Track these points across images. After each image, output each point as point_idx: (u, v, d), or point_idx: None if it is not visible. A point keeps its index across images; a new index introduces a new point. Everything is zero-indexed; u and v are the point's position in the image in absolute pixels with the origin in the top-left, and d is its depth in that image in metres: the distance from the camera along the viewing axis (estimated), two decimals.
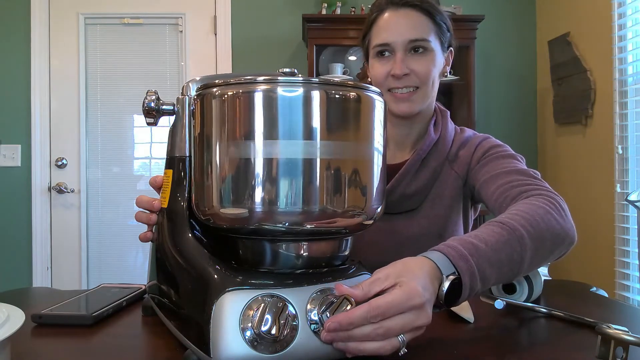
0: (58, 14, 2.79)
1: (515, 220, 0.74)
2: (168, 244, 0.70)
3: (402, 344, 0.56)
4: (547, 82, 2.77)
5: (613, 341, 0.56)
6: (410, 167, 1.07)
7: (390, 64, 1.04)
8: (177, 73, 2.84)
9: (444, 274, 0.63)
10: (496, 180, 0.96)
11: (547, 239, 0.76)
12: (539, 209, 0.79)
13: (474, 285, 0.65)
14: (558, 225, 0.79)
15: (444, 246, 0.67)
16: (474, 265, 0.65)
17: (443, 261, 0.64)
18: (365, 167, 0.62)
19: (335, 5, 2.70)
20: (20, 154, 2.76)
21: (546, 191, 0.87)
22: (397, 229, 1.07)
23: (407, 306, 0.56)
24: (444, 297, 0.61)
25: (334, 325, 0.55)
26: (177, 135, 0.71)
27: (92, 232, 2.82)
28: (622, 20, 2.22)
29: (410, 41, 1.03)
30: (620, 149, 2.22)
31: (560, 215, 0.81)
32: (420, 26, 1.04)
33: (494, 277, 0.68)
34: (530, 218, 0.75)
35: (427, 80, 1.05)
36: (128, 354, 0.66)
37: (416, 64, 1.04)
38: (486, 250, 0.68)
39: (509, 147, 1.06)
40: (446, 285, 0.62)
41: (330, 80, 0.61)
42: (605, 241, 2.27)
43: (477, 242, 0.68)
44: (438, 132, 1.10)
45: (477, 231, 0.72)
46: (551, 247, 0.77)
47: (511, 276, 0.72)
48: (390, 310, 0.56)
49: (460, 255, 0.65)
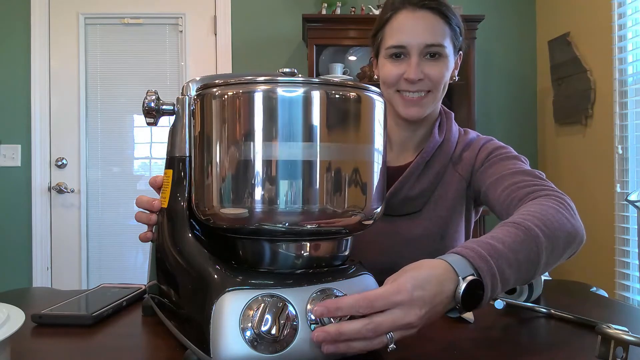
0: (58, 14, 2.79)
1: (529, 221, 0.73)
2: (168, 244, 0.70)
3: (390, 340, 0.55)
4: (547, 82, 2.77)
5: (613, 341, 0.56)
6: (414, 169, 1.06)
7: (404, 66, 1.02)
8: (177, 73, 2.84)
9: (460, 276, 0.61)
10: (502, 183, 0.95)
11: (560, 238, 0.75)
12: (550, 208, 0.78)
13: (495, 286, 0.63)
14: (569, 224, 0.78)
15: (462, 248, 0.65)
16: (494, 266, 0.63)
17: (460, 263, 0.63)
18: (365, 167, 0.62)
19: (335, 5, 2.70)
20: (20, 154, 2.76)
21: (553, 191, 0.87)
22: (399, 230, 1.07)
23: (393, 301, 0.56)
24: (461, 299, 0.60)
25: (321, 309, 0.55)
26: (177, 135, 0.71)
27: (92, 232, 2.82)
28: (622, 20, 2.22)
29: (426, 45, 1.00)
30: (620, 149, 2.22)
31: (571, 214, 0.80)
32: (438, 30, 1.01)
33: (513, 279, 0.67)
34: (543, 218, 0.74)
35: (439, 86, 1.04)
36: (128, 354, 0.66)
37: (431, 69, 1.01)
38: (504, 250, 0.66)
39: (512, 149, 1.05)
40: (463, 286, 0.60)
41: (330, 80, 0.61)
42: (605, 241, 2.27)
43: (494, 242, 0.67)
44: (442, 134, 1.09)
45: (493, 232, 0.71)
46: (564, 247, 0.76)
47: (528, 277, 0.71)
48: (377, 301, 0.55)
49: (479, 256, 0.64)
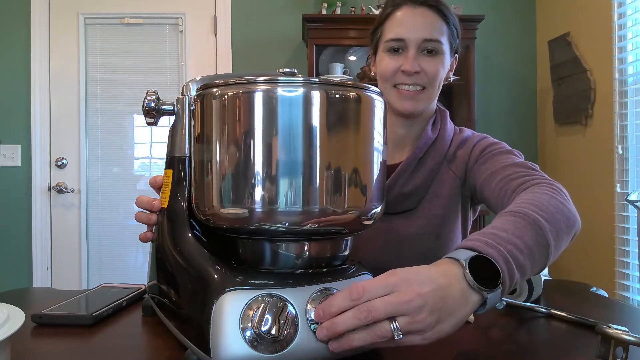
0: (58, 14, 2.79)
1: (525, 208, 0.71)
2: (168, 244, 0.70)
3: (395, 329, 0.53)
4: (547, 82, 2.77)
5: (613, 341, 0.56)
6: (407, 165, 1.07)
7: (401, 60, 1.04)
8: (177, 73, 2.84)
9: (461, 259, 0.58)
10: (495, 177, 0.95)
11: (560, 220, 0.73)
12: (544, 195, 0.77)
13: (511, 272, 0.60)
14: (566, 209, 0.77)
15: (465, 241, 0.63)
16: (504, 251, 0.61)
17: (462, 252, 0.60)
18: (365, 167, 0.62)
19: (335, 5, 2.70)
20: (20, 154, 2.76)
21: (545, 179, 0.86)
22: (395, 228, 1.07)
23: (385, 284, 0.54)
24: (475, 279, 0.57)
25: (317, 312, 0.55)
26: (177, 135, 0.71)
27: (92, 232, 2.82)
28: (622, 20, 2.22)
29: (424, 40, 1.03)
30: (620, 149, 2.22)
31: (565, 199, 0.79)
32: (436, 27, 1.04)
33: (528, 264, 0.64)
34: (538, 204, 0.73)
35: (434, 82, 1.06)
36: (128, 354, 0.66)
37: (427, 64, 1.04)
38: (510, 237, 0.64)
39: (506, 144, 1.06)
40: (464, 263, 0.57)
41: (330, 80, 0.61)
42: (605, 241, 2.27)
43: (496, 231, 0.65)
44: (436, 132, 1.10)
45: (491, 224, 0.69)
46: (567, 229, 0.74)
47: (544, 260, 0.68)
48: (371, 287, 0.54)
49: (486, 244, 0.61)
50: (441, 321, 0.55)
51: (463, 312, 0.57)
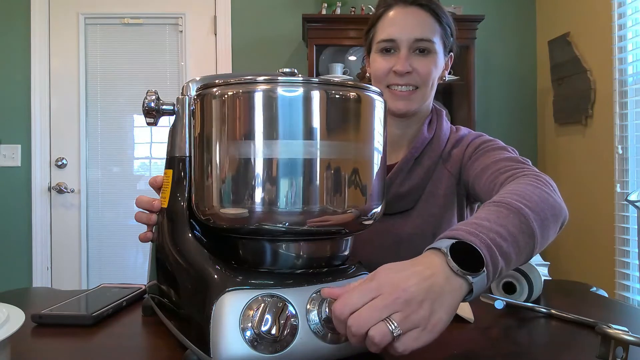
0: (58, 14, 2.79)
1: (508, 197, 0.70)
2: (168, 244, 0.70)
3: (393, 327, 0.51)
4: (547, 82, 2.77)
5: (613, 341, 0.56)
6: (404, 165, 1.07)
7: (393, 60, 1.04)
8: (177, 73, 2.84)
9: (441, 247, 0.58)
10: (486, 172, 0.95)
11: (545, 209, 0.71)
12: (528, 185, 0.76)
13: (494, 258, 0.59)
14: (551, 199, 0.75)
15: (448, 231, 0.63)
16: (486, 238, 0.60)
17: (445, 243, 0.59)
18: (366, 167, 0.62)
19: (335, 5, 2.70)
20: (20, 154, 2.76)
21: (533, 172, 0.85)
22: (392, 228, 1.07)
23: (366, 291, 0.53)
24: (457, 263, 0.56)
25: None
26: (177, 135, 0.71)
27: (92, 232, 2.82)
28: (622, 20, 2.22)
29: (416, 40, 1.03)
30: (620, 149, 2.22)
31: (551, 190, 0.78)
32: (427, 26, 1.04)
33: (512, 252, 0.62)
34: (521, 193, 0.72)
35: (427, 82, 1.06)
36: (128, 354, 0.66)
37: (419, 64, 1.04)
38: (491, 225, 0.62)
39: (500, 141, 1.05)
40: (446, 250, 0.57)
41: (330, 80, 0.61)
42: (605, 241, 2.27)
43: (478, 221, 0.63)
44: (432, 131, 1.10)
45: (475, 214, 0.68)
46: (553, 219, 0.73)
47: (530, 249, 0.66)
48: (351, 300, 0.53)
49: (468, 232, 0.60)
50: (435, 311, 0.54)
51: (452, 298, 0.56)
